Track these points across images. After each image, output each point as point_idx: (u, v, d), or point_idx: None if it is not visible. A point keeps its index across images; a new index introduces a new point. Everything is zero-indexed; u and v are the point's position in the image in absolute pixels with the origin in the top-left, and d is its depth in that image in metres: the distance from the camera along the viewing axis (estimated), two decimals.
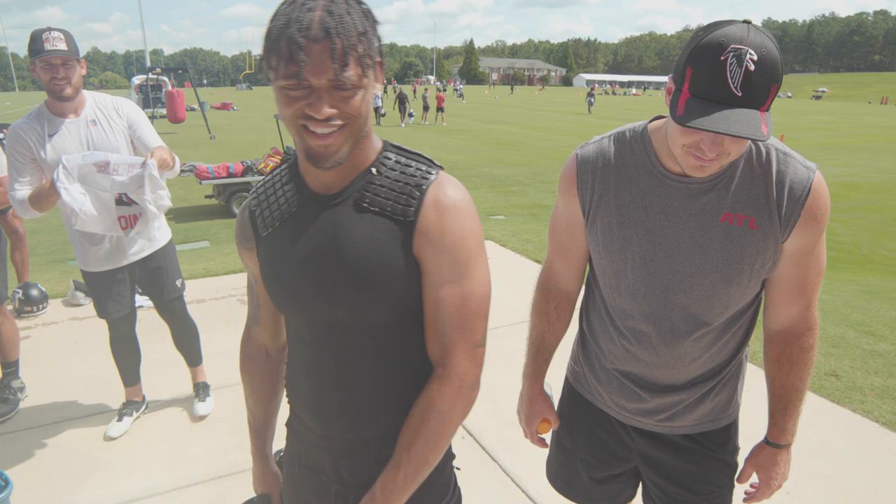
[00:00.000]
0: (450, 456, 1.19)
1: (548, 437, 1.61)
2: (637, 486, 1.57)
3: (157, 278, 2.85)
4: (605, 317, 1.38)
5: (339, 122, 0.91)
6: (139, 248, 2.75)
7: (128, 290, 2.83)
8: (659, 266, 1.24)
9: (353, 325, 1.04)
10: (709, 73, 0.99)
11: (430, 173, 1.02)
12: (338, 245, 1.01)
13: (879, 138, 23.85)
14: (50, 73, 2.36)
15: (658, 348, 1.29)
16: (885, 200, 10.75)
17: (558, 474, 1.61)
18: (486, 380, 1.16)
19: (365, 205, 1.01)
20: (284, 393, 1.25)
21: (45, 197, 2.40)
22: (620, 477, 1.52)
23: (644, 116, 1.33)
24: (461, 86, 56.63)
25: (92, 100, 2.57)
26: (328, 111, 0.89)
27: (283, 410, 1.29)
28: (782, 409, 1.31)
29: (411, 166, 1.03)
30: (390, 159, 1.04)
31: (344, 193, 1.02)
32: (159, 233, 2.83)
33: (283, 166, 1.11)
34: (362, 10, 0.91)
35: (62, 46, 2.34)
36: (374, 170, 1.02)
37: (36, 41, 2.33)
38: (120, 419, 2.97)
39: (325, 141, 0.91)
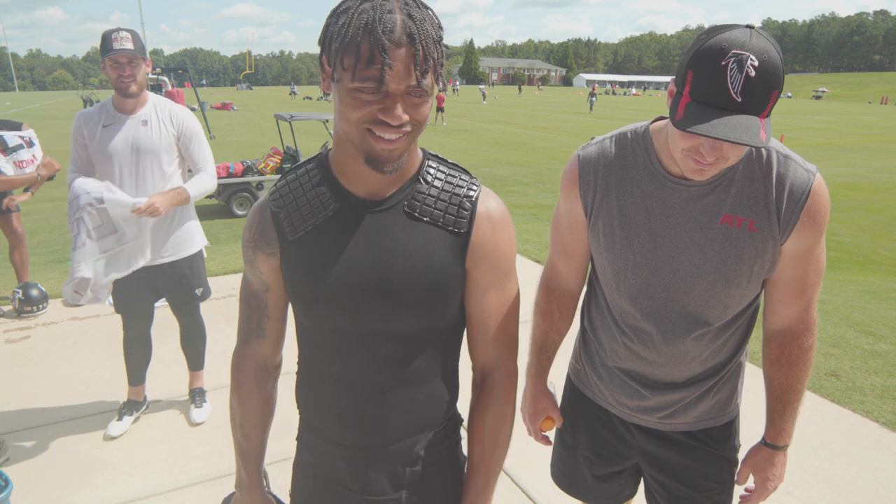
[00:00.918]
0: (464, 457, 1.19)
1: (551, 434, 1.61)
2: (639, 483, 1.58)
3: (178, 284, 2.86)
4: (606, 315, 1.39)
5: (407, 129, 0.89)
6: (167, 251, 2.77)
7: (147, 290, 2.84)
8: (660, 266, 1.25)
9: (390, 332, 1.02)
10: (709, 77, 0.99)
11: (473, 185, 1.04)
12: (391, 253, 0.99)
13: (879, 138, 23.84)
14: (117, 70, 2.51)
15: (659, 347, 1.30)
16: (885, 200, 10.75)
17: (561, 471, 1.62)
18: None
19: (416, 214, 1.00)
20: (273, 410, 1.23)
21: None
22: (622, 474, 1.53)
23: (644, 116, 1.34)
24: (483, 87, 56.12)
25: (152, 102, 2.68)
26: (403, 117, 0.87)
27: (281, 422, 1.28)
28: (780, 409, 1.32)
29: (455, 176, 1.04)
30: (433, 167, 1.04)
31: (391, 200, 1.00)
32: (191, 241, 2.86)
33: (311, 165, 1.06)
34: (432, 15, 0.90)
35: (129, 45, 2.49)
36: (421, 178, 1.02)
37: (106, 41, 2.49)
38: (120, 418, 2.97)
39: (391, 146, 0.89)
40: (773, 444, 1.33)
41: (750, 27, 1.02)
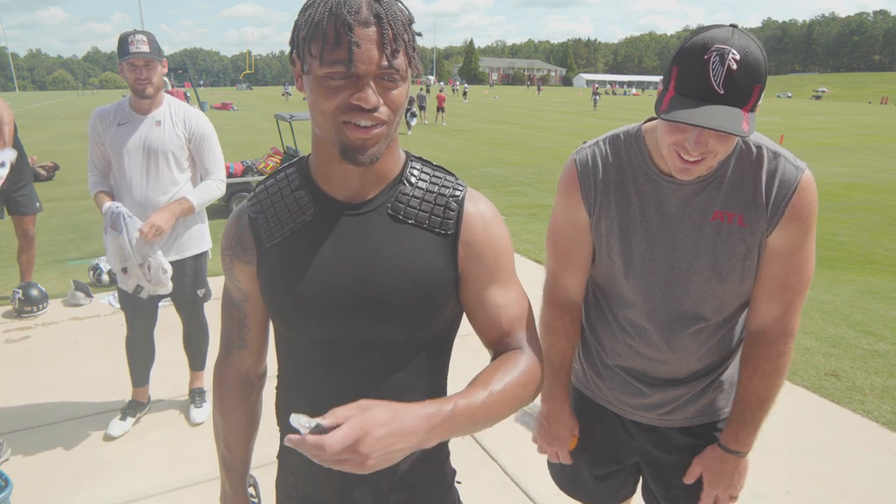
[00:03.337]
0: (452, 472, 1.16)
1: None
2: (637, 482, 1.58)
3: (183, 283, 2.87)
4: (606, 313, 1.39)
5: (382, 116, 0.84)
6: (173, 251, 2.78)
7: None
8: (657, 265, 1.27)
9: (373, 343, 0.96)
10: (693, 71, 1.03)
11: (459, 185, 1.00)
12: (374, 257, 0.94)
13: (879, 138, 23.84)
14: (134, 73, 2.56)
15: (659, 344, 1.31)
16: (885, 200, 10.74)
17: (561, 472, 1.62)
18: (479, 366, 1.15)
19: (401, 216, 0.95)
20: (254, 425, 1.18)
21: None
22: (620, 473, 1.53)
23: (645, 116, 1.34)
24: (467, 85, 56.01)
25: (167, 104, 2.72)
26: (376, 100, 0.82)
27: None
28: (739, 412, 1.29)
29: (440, 178, 1.00)
30: (417, 168, 1.00)
31: (373, 202, 0.96)
32: (197, 242, 2.88)
33: (290, 170, 1.02)
34: (402, 3, 0.87)
35: (144, 49, 2.53)
36: (404, 180, 0.97)
37: (122, 44, 2.53)
38: (123, 418, 2.97)
39: (366, 133, 0.84)
40: (724, 445, 1.31)
41: (733, 26, 1.06)
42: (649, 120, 1.28)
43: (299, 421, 0.74)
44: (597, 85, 54.33)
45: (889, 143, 21.74)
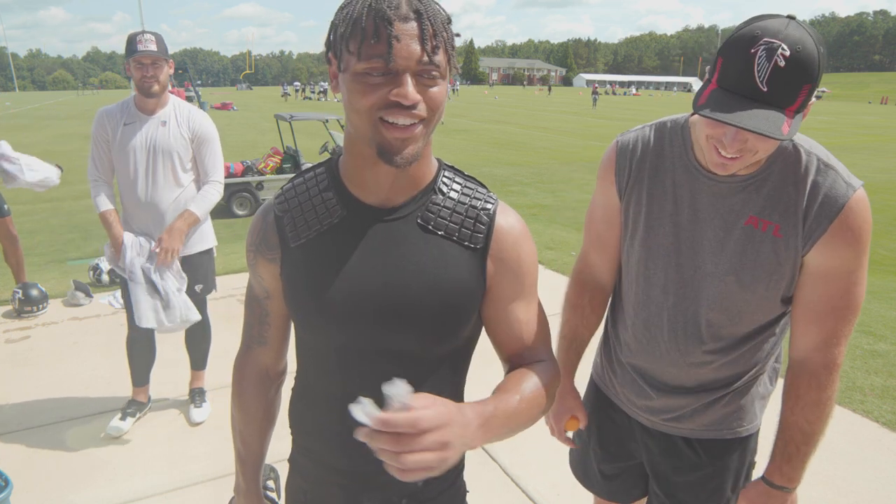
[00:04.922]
0: (464, 490, 1.15)
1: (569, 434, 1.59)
2: (646, 487, 1.55)
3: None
4: (624, 305, 1.37)
5: (422, 114, 0.82)
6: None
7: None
8: (682, 261, 1.23)
9: (395, 352, 0.95)
10: (737, 65, 0.97)
11: (490, 198, 0.98)
12: (401, 266, 0.92)
13: (879, 138, 23.83)
14: (141, 71, 2.59)
15: (668, 344, 1.28)
16: (885, 200, 10.74)
17: (577, 463, 1.63)
18: (487, 379, 1.15)
19: (431, 227, 0.94)
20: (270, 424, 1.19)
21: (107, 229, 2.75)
22: (625, 473, 1.52)
23: (645, 116, 1.34)
24: (455, 86, 56.28)
25: (172, 105, 2.74)
26: (416, 96, 0.80)
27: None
28: (782, 445, 1.23)
29: (471, 189, 0.98)
30: (449, 177, 0.98)
31: (404, 209, 0.94)
32: (200, 240, 2.89)
33: (319, 169, 1.00)
34: (438, 3, 0.86)
35: (152, 47, 2.57)
36: (437, 189, 0.96)
37: (130, 43, 2.57)
38: (123, 418, 2.97)
39: (405, 133, 0.82)
40: (769, 480, 1.25)
41: (790, 17, 0.98)
42: None
43: (365, 409, 0.68)
44: (596, 85, 54.42)
45: (889, 143, 21.74)
